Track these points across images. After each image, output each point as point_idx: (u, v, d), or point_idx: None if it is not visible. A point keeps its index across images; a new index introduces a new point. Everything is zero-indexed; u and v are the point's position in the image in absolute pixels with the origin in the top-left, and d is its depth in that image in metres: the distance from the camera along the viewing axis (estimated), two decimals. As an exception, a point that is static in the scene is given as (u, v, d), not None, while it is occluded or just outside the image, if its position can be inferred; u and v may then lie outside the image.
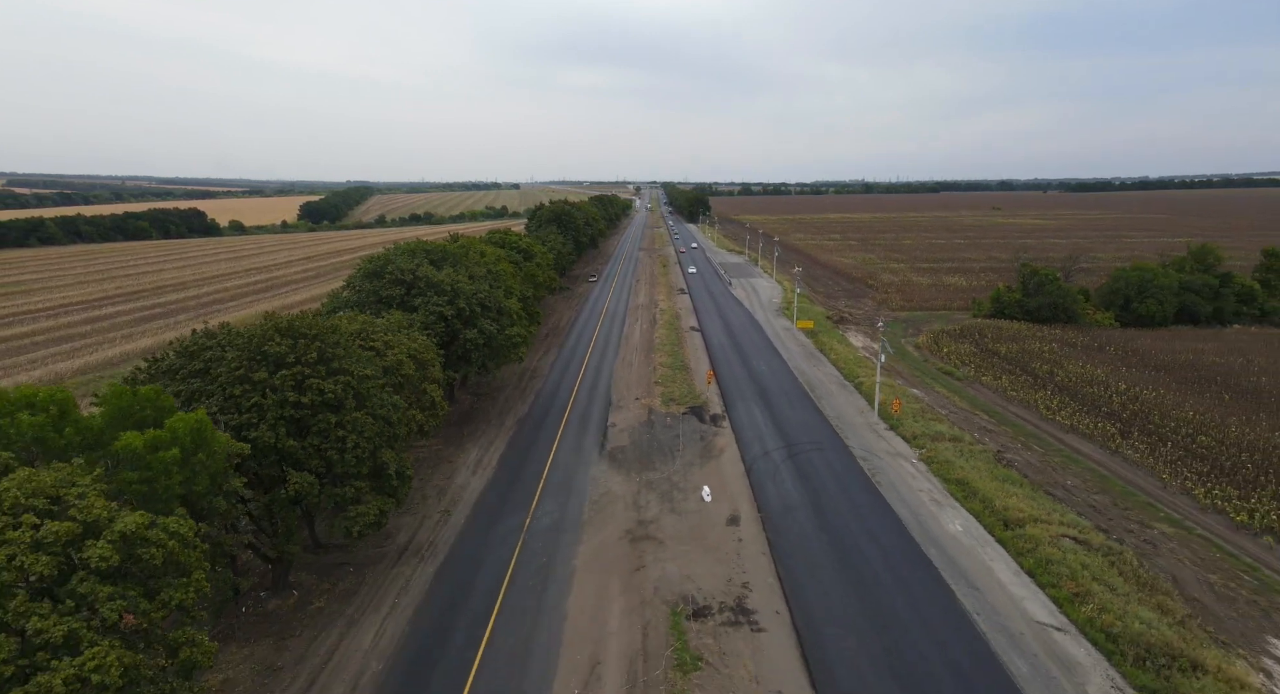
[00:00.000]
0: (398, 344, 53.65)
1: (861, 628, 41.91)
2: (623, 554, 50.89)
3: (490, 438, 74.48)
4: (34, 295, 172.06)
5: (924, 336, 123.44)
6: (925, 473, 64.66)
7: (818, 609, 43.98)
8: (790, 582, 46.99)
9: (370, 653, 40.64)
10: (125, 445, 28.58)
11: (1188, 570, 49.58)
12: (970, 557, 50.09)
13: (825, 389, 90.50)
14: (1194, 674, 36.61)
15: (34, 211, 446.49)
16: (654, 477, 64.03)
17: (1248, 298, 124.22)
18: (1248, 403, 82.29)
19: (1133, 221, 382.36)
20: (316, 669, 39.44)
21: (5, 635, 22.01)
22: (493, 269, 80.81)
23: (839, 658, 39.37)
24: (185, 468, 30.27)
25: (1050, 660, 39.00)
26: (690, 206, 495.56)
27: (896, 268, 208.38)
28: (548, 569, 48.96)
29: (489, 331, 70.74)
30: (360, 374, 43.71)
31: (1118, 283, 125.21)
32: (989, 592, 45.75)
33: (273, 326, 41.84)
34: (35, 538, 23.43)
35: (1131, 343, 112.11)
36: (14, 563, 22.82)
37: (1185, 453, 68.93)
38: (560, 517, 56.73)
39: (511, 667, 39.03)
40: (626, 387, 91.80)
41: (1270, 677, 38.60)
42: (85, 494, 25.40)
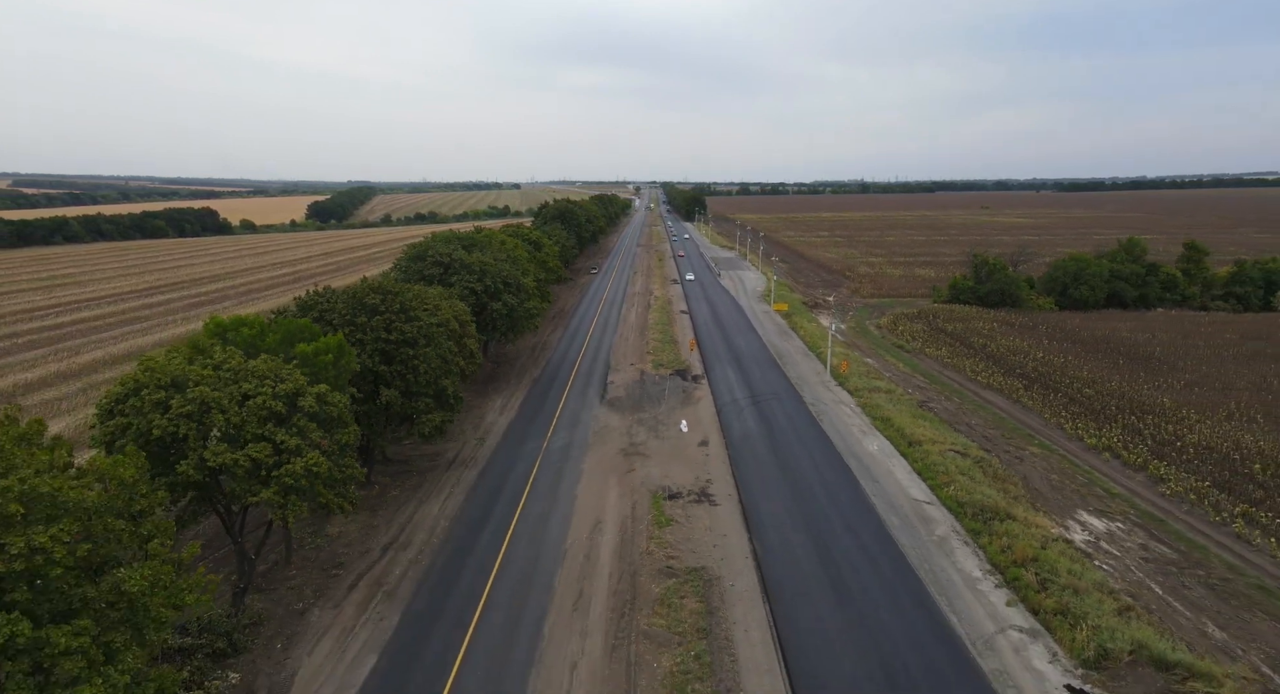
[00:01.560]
0: (445, 307, 70.39)
1: (788, 504, 58.72)
2: (618, 463, 67.75)
3: (511, 391, 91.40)
4: (85, 287, 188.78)
5: (886, 318, 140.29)
6: (859, 413, 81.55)
7: (759, 493, 60.82)
8: (741, 479, 63.86)
9: (438, 517, 57.50)
10: (299, 351, 45.22)
11: (1037, 473, 66.46)
12: (878, 464, 66.93)
13: (791, 357, 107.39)
14: (1007, 521, 53.35)
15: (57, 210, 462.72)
16: (643, 416, 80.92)
17: (1170, 285, 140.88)
18: (1137, 366, 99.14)
19: (1109, 220, 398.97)
20: (402, 525, 56.29)
21: (265, 442, 38.81)
22: (511, 254, 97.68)
23: (769, 519, 56.19)
24: (333, 368, 47.01)
25: (916, 519, 55.88)
26: (687, 206, 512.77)
27: (874, 261, 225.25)
28: (562, 472, 65.83)
29: (511, 304, 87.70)
30: (427, 323, 60.53)
31: (1057, 271, 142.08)
32: (885, 483, 62.61)
33: (368, 287, 58.74)
34: (274, 391, 40.22)
35: (1062, 323, 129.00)
36: (264, 404, 39.61)
37: (1069, 400, 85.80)
38: (570, 441, 73.60)
39: (540, 525, 55.80)
40: (623, 356, 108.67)
41: (1066, 529, 55.42)
42: (292, 373, 42.23)
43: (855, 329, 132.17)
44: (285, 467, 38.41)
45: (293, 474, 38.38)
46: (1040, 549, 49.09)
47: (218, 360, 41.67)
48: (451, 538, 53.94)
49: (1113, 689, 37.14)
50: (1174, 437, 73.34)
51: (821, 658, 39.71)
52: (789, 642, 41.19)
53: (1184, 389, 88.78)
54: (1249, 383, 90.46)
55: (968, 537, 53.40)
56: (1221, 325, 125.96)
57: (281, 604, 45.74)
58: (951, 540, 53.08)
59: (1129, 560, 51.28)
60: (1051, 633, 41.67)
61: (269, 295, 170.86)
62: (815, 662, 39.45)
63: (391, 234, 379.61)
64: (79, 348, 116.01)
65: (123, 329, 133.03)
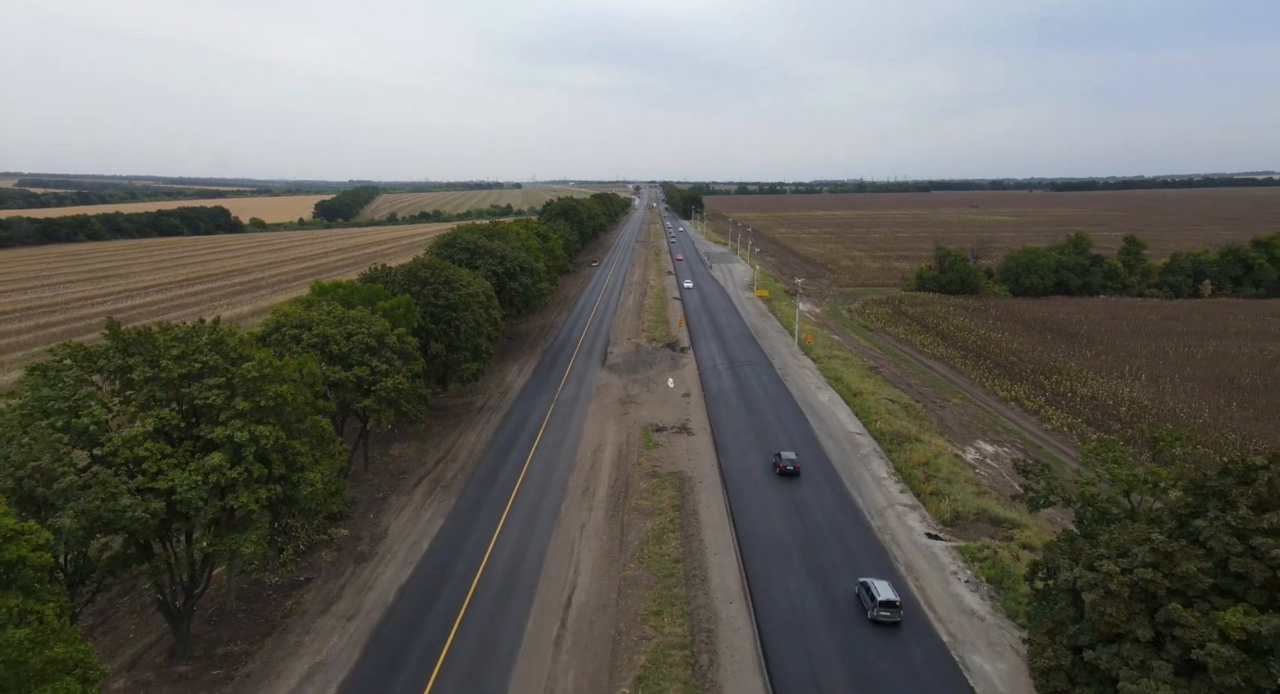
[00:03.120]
0: (475, 283, 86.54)
1: (749, 434, 74.81)
2: (616, 408, 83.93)
3: (525, 360, 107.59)
4: (128, 279, 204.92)
5: (857, 304, 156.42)
6: (817, 374, 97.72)
7: (727, 428, 76.98)
8: (714, 418, 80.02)
9: (475, 442, 73.65)
10: (381, 305, 61.43)
11: (953, 415, 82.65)
12: (826, 409, 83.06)
13: (767, 334, 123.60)
14: (914, 443, 69.46)
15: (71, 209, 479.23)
16: (637, 377, 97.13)
17: (1112, 275, 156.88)
18: (1061, 340, 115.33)
19: (1090, 217, 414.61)
20: (448, 448, 72.45)
21: (364, 366, 54.96)
22: (525, 244, 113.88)
23: (733, 444, 72.32)
24: (404, 319, 63.16)
25: (847, 443, 72.05)
26: (685, 204, 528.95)
27: (856, 255, 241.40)
28: (571, 414, 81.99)
29: (526, 284, 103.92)
30: (465, 293, 76.74)
31: (1011, 262, 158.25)
32: (829, 421, 78.77)
33: (419, 264, 74.94)
34: (368, 331, 56.38)
35: (1011, 307, 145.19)
36: (362, 340, 55.78)
37: (995, 365, 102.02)
38: (576, 394, 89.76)
39: (554, 450, 71.84)
40: (621, 332, 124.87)
41: (963, 451, 71.59)
42: (379, 320, 58.45)
43: (829, 313, 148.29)
44: (379, 383, 54.64)
45: (384, 389, 54.64)
46: (933, 458, 65.28)
47: (326, 310, 57.90)
48: (488, 455, 70.12)
49: (958, 533, 53.44)
50: (1069, 390, 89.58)
51: (759, 521, 55.92)
52: (738, 512, 57.38)
53: (1093, 357, 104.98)
54: (1149, 352, 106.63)
55: (883, 453, 69.61)
56: (1150, 309, 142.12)
57: (366, 494, 61.88)
58: (871, 456, 69.28)
59: (1001, 468, 67.59)
60: (925, 506, 57.95)
61: (297, 285, 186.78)
62: (755, 523, 55.64)
63: (400, 231, 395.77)
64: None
65: (173, 314, 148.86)
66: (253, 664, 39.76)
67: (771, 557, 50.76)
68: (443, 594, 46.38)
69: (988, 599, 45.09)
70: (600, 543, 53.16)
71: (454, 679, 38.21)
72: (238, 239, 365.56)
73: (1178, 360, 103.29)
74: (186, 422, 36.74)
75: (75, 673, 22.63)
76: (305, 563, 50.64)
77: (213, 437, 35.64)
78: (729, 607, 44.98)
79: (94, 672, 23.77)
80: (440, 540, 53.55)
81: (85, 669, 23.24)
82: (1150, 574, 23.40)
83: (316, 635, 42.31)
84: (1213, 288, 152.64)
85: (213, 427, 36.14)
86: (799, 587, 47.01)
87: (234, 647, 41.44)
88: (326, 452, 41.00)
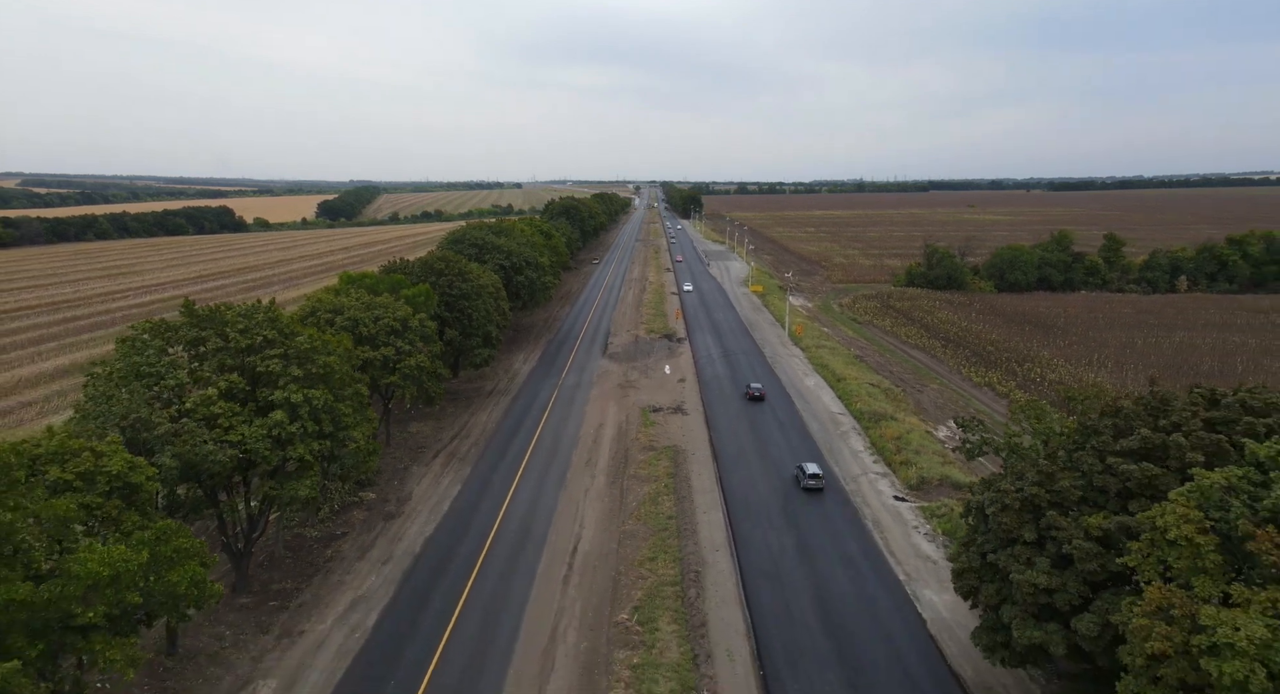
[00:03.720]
0: (484, 276, 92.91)
1: (740, 417, 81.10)
2: (616, 392, 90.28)
3: (530, 350, 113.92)
4: (141, 276, 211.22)
5: (848, 299, 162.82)
6: (805, 362, 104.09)
7: (719, 409, 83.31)
8: (707, 400, 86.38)
9: (487, 421, 79.98)
10: (404, 293, 67.86)
11: (929, 398, 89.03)
12: (812, 393, 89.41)
13: (759, 326, 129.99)
14: (890, 421, 75.78)
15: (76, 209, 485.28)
16: (636, 364, 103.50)
17: (1093, 271, 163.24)
18: (1039, 331, 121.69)
19: (1083, 217, 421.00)
20: (461, 426, 78.75)
21: (390, 346, 61.35)
22: (530, 240, 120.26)
23: (724, 423, 78.65)
24: (423, 305, 69.55)
25: (829, 421, 78.42)
26: (684, 204, 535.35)
27: (850, 253, 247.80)
28: (574, 397, 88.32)
29: (531, 277, 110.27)
30: (477, 283, 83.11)
31: (996, 259, 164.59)
32: (813, 403, 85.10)
33: (436, 257, 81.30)
34: (392, 315, 62.73)
35: (994, 301, 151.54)
36: (388, 323, 62.17)
37: (972, 354, 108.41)
38: (579, 380, 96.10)
39: (559, 428, 78.11)
40: (621, 325, 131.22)
41: (935, 429, 77.90)
42: (401, 307, 64.83)
43: (821, 307, 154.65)
44: (404, 362, 61.06)
45: (408, 367, 61.05)
46: (906, 433, 71.64)
47: (355, 297, 64.28)
48: (498, 432, 76.45)
49: (922, 496, 59.84)
50: (1039, 376, 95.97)
51: (745, 487, 62.29)
52: (726, 479, 63.73)
53: (1065, 347, 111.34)
54: (1119, 343, 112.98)
55: (861, 430, 75.98)
56: (1127, 304, 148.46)
57: (389, 465, 68.17)
58: (850, 433, 75.65)
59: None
60: (895, 473, 64.34)
61: (307, 282, 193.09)
62: (741, 487, 62.01)
63: (403, 231, 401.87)
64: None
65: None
66: (303, 597, 46.14)
67: (754, 516, 57.11)
68: (464, 544, 52.77)
69: (942, 548, 51.44)
70: (602, 504, 59.49)
71: (477, 609, 44.56)
72: (244, 238, 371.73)
73: (1145, 350, 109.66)
74: (250, 386, 43.08)
75: (195, 559, 28.94)
76: (340, 520, 56.98)
77: (273, 398, 42.00)
78: (715, 554, 51.34)
79: (209, 558, 30.12)
80: (459, 502, 59.90)
81: (201, 557, 29.58)
82: (1035, 491, 29.66)
83: (356, 575, 48.69)
84: (1189, 283, 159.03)
85: (272, 390, 42.49)
86: (777, 541, 53.33)
87: (285, 584, 47.81)
88: (365, 415, 47.39)
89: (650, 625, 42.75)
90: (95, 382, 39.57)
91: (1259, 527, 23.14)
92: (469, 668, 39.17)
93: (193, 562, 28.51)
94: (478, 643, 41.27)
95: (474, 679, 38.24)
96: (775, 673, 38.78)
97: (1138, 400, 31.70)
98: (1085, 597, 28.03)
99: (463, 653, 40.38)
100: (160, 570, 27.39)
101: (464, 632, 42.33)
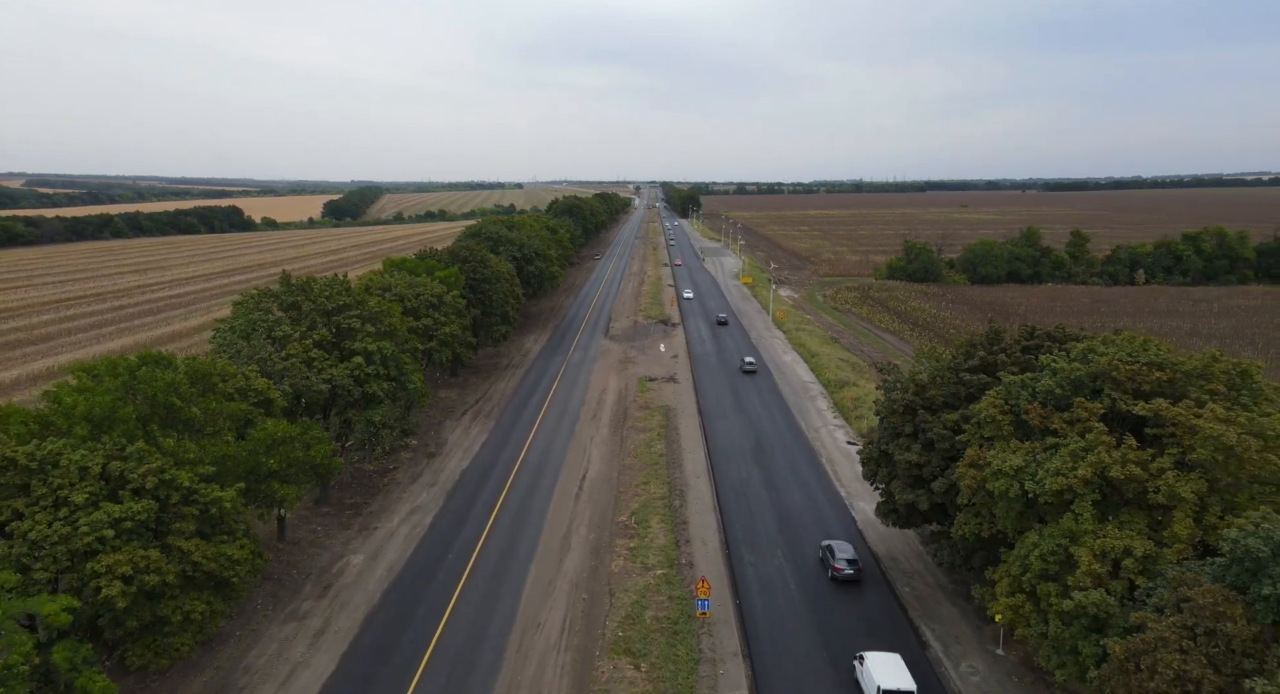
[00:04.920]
0: (500, 265, 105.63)
1: (724, 387, 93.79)
2: (617, 366, 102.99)
3: (539, 333, 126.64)
4: (167, 271, 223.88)
5: (832, 290, 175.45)
6: (784, 341, 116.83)
7: (706, 378, 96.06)
8: (696, 372, 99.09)
9: (504, 389, 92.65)
10: (439, 274, 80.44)
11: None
12: (790, 368, 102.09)
13: (747, 312, 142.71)
14: (852, 386, 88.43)
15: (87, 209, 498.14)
16: (635, 344, 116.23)
17: (1059, 265, 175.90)
18: (1002, 318, 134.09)
19: (1071, 216, 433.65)
20: (483, 393, 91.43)
21: (429, 318, 74.00)
22: (539, 235, 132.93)
23: (709, 389, 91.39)
24: (453, 284, 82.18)
25: (800, 388, 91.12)
26: (683, 204, 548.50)
27: (838, 250, 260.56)
28: (580, 369, 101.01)
29: (540, 267, 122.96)
30: (496, 270, 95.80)
31: (969, 254, 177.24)
32: (788, 374, 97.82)
33: (461, 246, 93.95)
34: (430, 292, 75.36)
35: (965, 293, 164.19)
36: (426, 298, 74.85)
37: (937, 336, 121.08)
38: (584, 356, 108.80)
39: (568, 392, 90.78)
40: (621, 312, 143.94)
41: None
42: (436, 285, 77.49)
43: (806, 298, 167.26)
44: (441, 329, 73.76)
45: (445, 334, 73.73)
46: (863, 395, 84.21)
47: (398, 277, 76.96)
48: (516, 396, 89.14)
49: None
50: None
51: (726, 437, 74.95)
52: (710, 433, 76.32)
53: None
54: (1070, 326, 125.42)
55: (827, 395, 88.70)
56: (1087, 295, 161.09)
57: (425, 420, 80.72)
58: (818, 397, 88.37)
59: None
60: (849, 425, 77.02)
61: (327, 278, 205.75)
62: (722, 439, 74.65)
63: (410, 230, 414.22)
64: (193, 313, 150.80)
65: (218, 300, 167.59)
66: (372, 506, 58.81)
67: (730, 455, 69.79)
68: (494, 473, 65.44)
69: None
70: (605, 447, 72.15)
71: (508, 514, 57.19)
72: (256, 237, 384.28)
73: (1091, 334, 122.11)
74: (335, 338, 55.76)
75: (326, 443, 41.57)
76: (391, 459, 69.57)
77: (353, 347, 54.67)
78: (697, 480, 64.02)
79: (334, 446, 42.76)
80: (487, 446, 72.56)
81: (327, 444, 42.25)
82: (914, 399, 42.29)
83: (410, 493, 61.36)
84: (1146, 277, 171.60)
85: (352, 341, 55.17)
86: (748, 470, 66.00)
87: (356, 499, 60.44)
88: (418, 365, 60.09)
89: (644, 524, 55.42)
90: (222, 333, 52.23)
91: (1031, 404, 35.75)
92: (506, 550, 51.80)
93: (325, 444, 41.16)
94: (510, 535, 53.96)
95: (509, 557, 50.85)
96: (737, 552, 51.47)
97: (983, 335, 44.34)
98: (943, 468, 40.67)
99: (500, 540, 53.06)
100: (308, 445, 39.97)
101: (500, 527, 55.04)
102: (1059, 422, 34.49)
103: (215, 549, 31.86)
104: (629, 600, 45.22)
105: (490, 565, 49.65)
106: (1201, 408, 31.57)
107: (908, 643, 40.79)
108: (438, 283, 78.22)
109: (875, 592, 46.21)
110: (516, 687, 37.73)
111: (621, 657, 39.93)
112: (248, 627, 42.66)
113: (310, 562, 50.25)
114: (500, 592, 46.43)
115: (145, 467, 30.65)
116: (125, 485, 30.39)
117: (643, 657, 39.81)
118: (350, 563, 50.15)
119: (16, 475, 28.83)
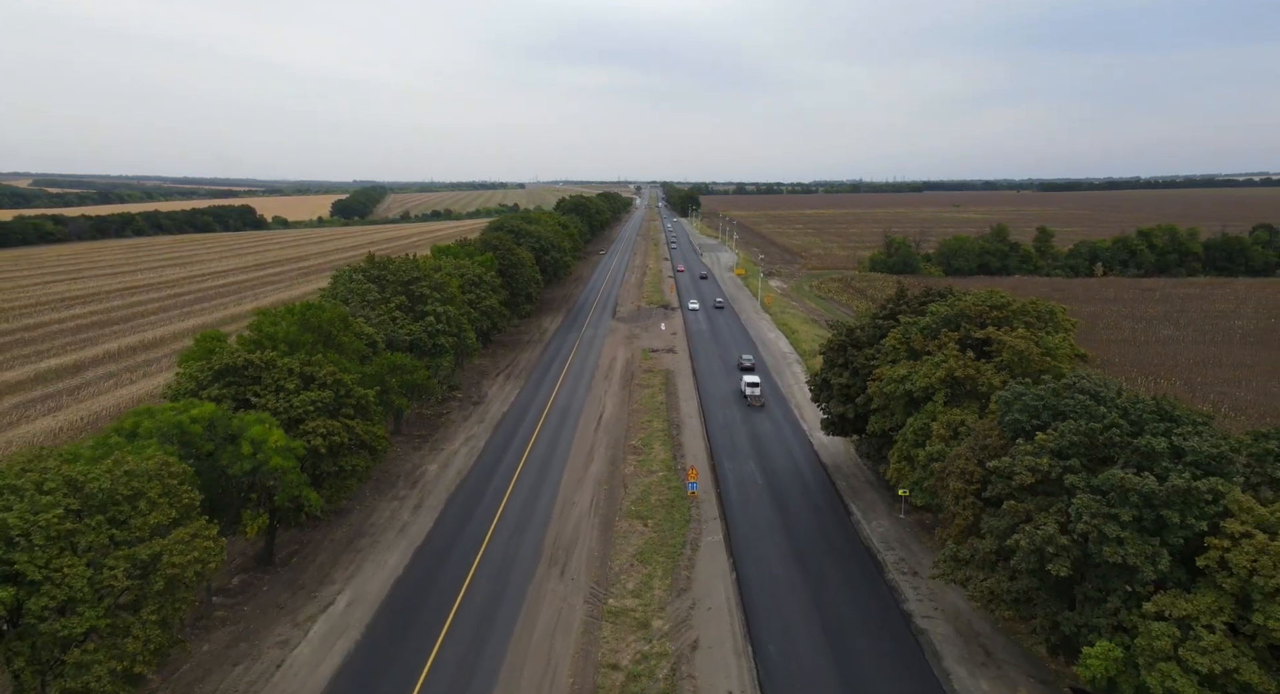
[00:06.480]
0: (523, 254, 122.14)
1: (715, 353, 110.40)
2: (624, 341, 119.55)
3: (555, 316, 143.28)
4: (205, 265, 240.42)
5: (818, 281, 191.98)
6: (770, 322, 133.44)
7: (699, 349, 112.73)
8: (691, 344, 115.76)
9: (530, 357, 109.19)
10: (478, 259, 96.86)
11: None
12: (771, 341, 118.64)
13: (738, 299, 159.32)
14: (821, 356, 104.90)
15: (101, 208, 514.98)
16: (639, 324, 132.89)
17: (1026, 258, 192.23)
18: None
19: (1053, 215, 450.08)
20: (511, 361, 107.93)
21: (471, 294, 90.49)
22: (553, 229, 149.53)
23: (702, 356, 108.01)
24: (490, 267, 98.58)
25: (780, 357, 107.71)
26: (683, 203, 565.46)
27: (829, 246, 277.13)
28: (593, 344, 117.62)
29: (556, 257, 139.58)
30: (520, 257, 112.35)
31: (943, 248, 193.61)
32: (771, 348, 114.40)
33: (491, 236, 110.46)
34: (473, 272, 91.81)
35: (938, 283, 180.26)
36: (470, 279, 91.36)
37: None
38: (595, 334, 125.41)
39: (584, 360, 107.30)
40: (626, 298, 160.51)
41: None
42: (476, 267, 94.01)
43: (794, 288, 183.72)
44: (481, 302, 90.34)
45: (486, 306, 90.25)
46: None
47: (445, 261, 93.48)
48: (539, 363, 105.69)
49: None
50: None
51: (713, 389, 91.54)
52: (702, 387, 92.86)
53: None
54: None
55: (802, 362, 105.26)
56: (1048, 285, 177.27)
57: (465, 380, 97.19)
58: (794, 363, 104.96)
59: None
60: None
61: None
62: (710, 389, 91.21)
63: (418, 228, 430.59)
64: (240, 300, 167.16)
65: (259, 290, 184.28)
66: (435, 437, 75.31)
67: (718, 402, 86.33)
68: (528, 415, 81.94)
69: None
70: (617, 398, 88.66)
71: (543, 440, 73.70)
72: (273, 235, 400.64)
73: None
74: (410, 303, 72.27)
75: (424, 369, 58.17)
76: (443, 407, 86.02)
77: (425, 310, 71.17)
78: (690, 419, 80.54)
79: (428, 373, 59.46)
80: (520, 397, 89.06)
81: (425, 371, 58.86)
82: (845, 338, 58.84)
83: (463, 428, 77.88)
84: (1104, 269, 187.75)
85: (424, 305, 71.67)
86: (733, 414, 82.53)
87: (421, 432, 76.90)
88: (470, 327, 76.56)
89: (649, 446, 71.93)
90: (326, 297, 68.73)
91: (916, 336, 52.22)
92: (544, 461, 68.29)
93: (424, 371, 57.69)
94: (547, 451, 70.49)
95: (547, 465, 67.31)
96: (719, 461, 68.00)
97: (893, 295, 60.99)
98: (862, 387, 57.11)
99: (540, 456, 69.57)
100: (413, 370, 56.47)
101: (538, 448, 71.57)
102: (932, 346, 50.96)
103: (366, 426, 48.28)
104: (639, 489, 61.76)
105: (534, 470, 66.19)
106: (1014, 331, 48.09)
107: (839, 514, 57.34)
108: (478, 265, 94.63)
109: (820, 488, 62.78)
110: (562, 533, 54.25)
111: (634, 519, 56.44)
112: (364, 505, 59.25)
113: (397, 468, 66.79)
114: (543, 484, 62.97)
115: (324, 370, 47.04)
116: (313, 381, 46.74)
117: (649, 519, 56.33)
118: (428, 470, 66.68)
119: (252, 371, 45.16)
